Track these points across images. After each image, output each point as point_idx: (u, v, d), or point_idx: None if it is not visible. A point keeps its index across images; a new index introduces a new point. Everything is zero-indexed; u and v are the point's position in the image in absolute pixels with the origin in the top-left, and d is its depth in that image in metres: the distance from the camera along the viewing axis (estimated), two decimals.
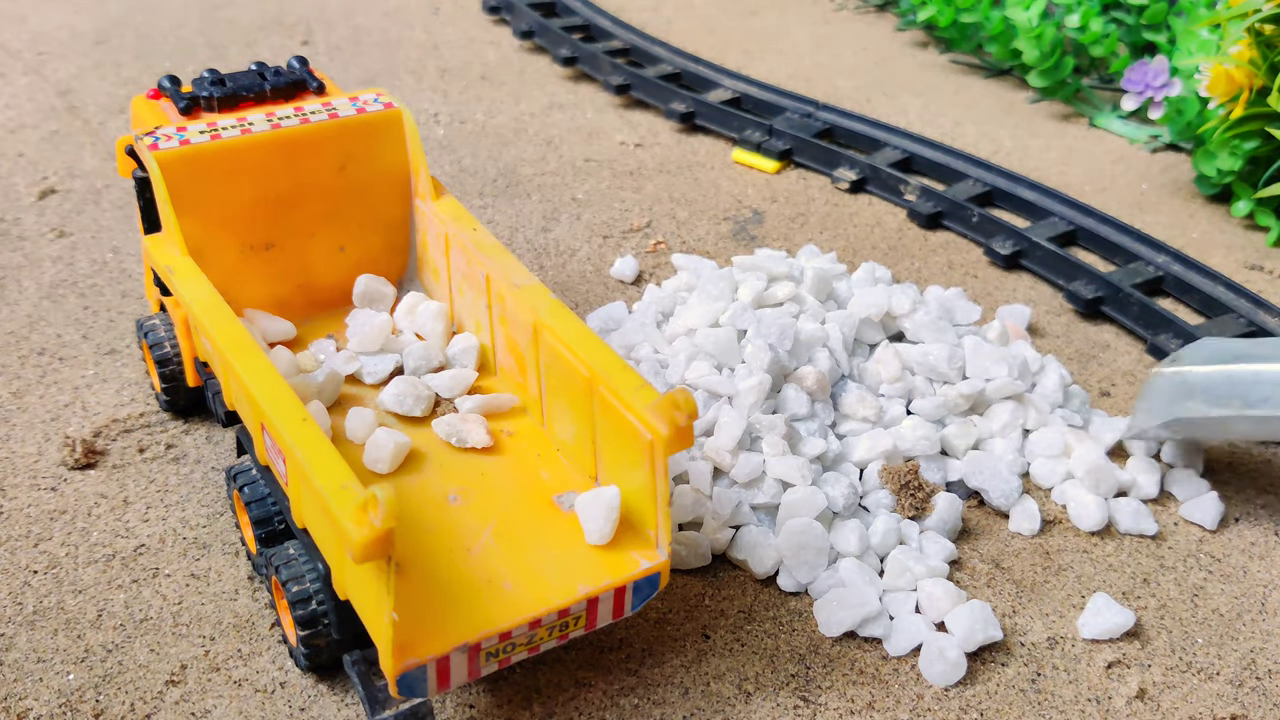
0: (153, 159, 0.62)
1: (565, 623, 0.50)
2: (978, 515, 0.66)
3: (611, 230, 0.92)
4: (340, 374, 0.62)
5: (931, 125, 1.14)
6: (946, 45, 1.34)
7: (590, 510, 0.53)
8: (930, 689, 0.55)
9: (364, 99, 0.69)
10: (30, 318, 0.79)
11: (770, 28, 1.40)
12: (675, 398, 0.49)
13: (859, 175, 1.01)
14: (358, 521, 0.41)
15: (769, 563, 0.60)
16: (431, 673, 0.47)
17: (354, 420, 0.59)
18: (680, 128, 1.11)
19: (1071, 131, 1.15)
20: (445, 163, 1.03)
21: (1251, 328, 0.80)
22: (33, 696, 0.53)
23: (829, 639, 0.58)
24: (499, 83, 1.20)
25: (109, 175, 0.98)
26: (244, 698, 0.53)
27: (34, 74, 1.17)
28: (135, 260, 0.86)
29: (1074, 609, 0.60)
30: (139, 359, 0.75)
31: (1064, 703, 0.55)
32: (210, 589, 0.59)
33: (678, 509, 0.61)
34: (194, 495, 0.65)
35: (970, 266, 0.90)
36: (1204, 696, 0.56)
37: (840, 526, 0.61)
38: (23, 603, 0.58)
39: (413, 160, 0.69)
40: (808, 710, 0.54)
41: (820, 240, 0.92)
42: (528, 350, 0.59)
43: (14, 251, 0.86)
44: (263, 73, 0.69)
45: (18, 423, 0.69)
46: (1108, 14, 1.22)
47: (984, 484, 0.65)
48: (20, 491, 0.64)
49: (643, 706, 0.54)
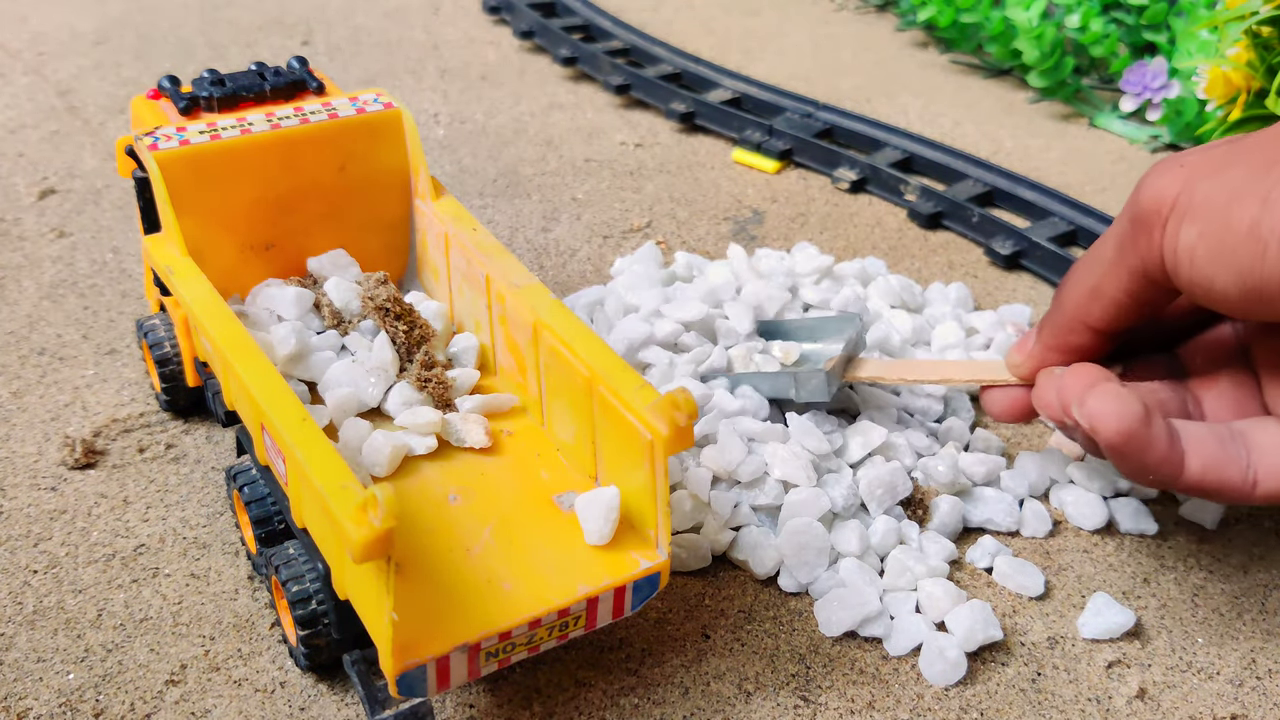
0: (152, 159, 0.62)
1: (565, 623, 0.50)
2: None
3: (611, 230, 0.92)
4: (402, 449, 0.58)
5: (932, 125, 1.14)
6: (947, 45, 1.34)
7: (590, 510, 0.53)
8: (930, 689, 0.55)
9: (364, 99, 0.69)
10: (30, 318, 0.79)
11: (770, 28, 1.40)
12: (675, 398, 0.49)
13: (859, 175, 1.00)
14: (358, 521, 0.41)
15: (770, 563, 0.60)
16: (431, 673, 0.47)
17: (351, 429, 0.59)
18: (680, 128, 1.11)
19: (1072, 131, 1.15)
20: (445, 163, 1.03)
21: None
22: (33, 696, 0.53)
23: (829, 639, 0.57)
24: (499, 83, 1.20)
25: (109, 175, 0.98)
26: (244, 697, 0.53)
27: (34, 74, 1.17)
28: (135, 260, 0.86)
29: (1074, 609, 0.60)
30: (139, 359, 0.75)
31: (1064, 702, 0.55)
32: (210, 589, 0.59)
33: (678, 515, 0.61)
34: (194, 495, 0.65)
35: (970, 266, 0.90)
36: (1204, 696, 0.56)
37: (840, 527, 0.61)
38: (23, 603, 0.58)
39: (413, 160, 0.69)
40: (808, 710, 0.54)
41: (820, 240, 0.92)
42: (527, 350, 0.59)
43: (14, 251, 0.86)
44: (263, 73, 0.69)
45: (18, 423, 0.69)
46: (1108, 14, 1.22)
47: (989, 517, 0.64)
48: (20, 491, 0.64)
49: (643, 706, 0.54)
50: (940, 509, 0.63)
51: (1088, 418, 0.52)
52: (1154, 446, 0.52)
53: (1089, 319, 0.57)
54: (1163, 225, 0.52)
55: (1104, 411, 0.52)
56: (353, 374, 0.60)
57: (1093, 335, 0.58)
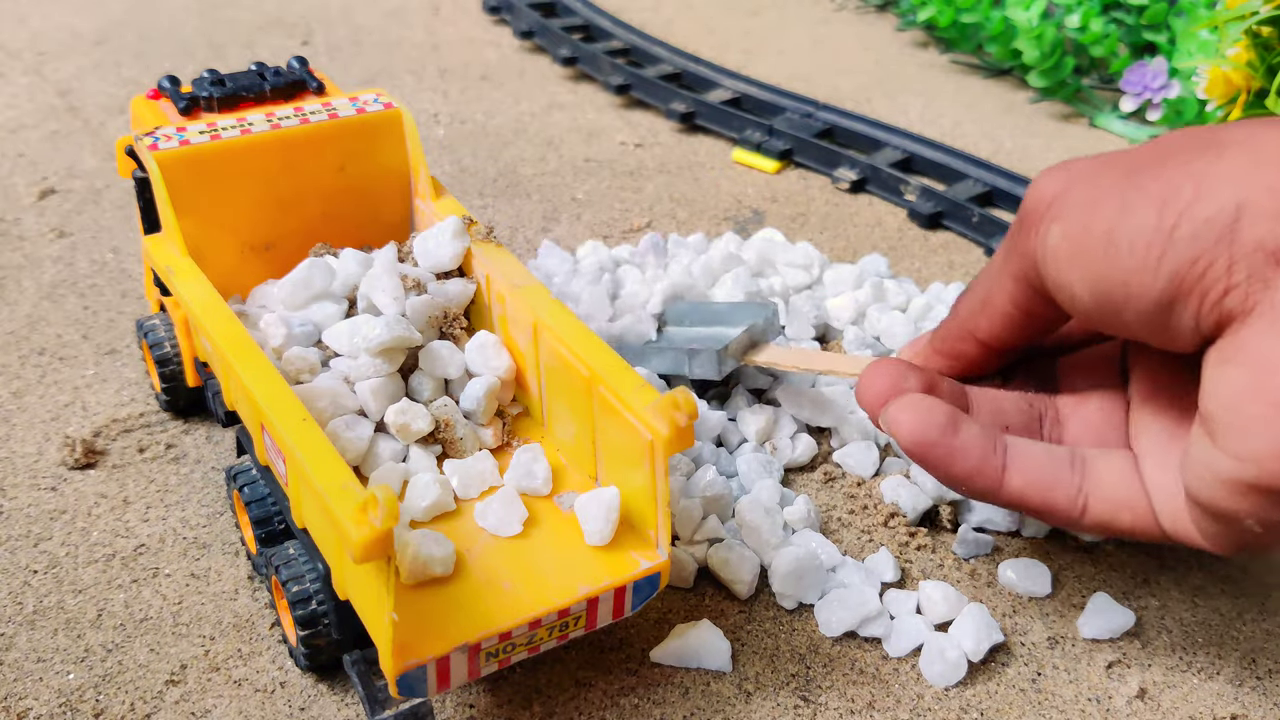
0: (152, 159, 0.62)
1: (565, 623, 0.50)
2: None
3: (611, 230, 0.92)
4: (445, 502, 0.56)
5: (932, 125, 1.14)
6: (947, 45, 1.34)
7: (590, 510, 0.52)
8: (930, 689, 0.55)
9: (364, 99, 0.69)
10: (30, 318, 0.79)
11: (770, 28, 1.40)
12: (675, 398, 0.49)
13: (859, 175, 1.01)
14: (358, 521, 0.41)
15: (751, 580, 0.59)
16: (431, 673, 0.47)
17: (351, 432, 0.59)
18: (680, 128, 1.11)
19: (1072, 131, 1.15)
20: (445, 163, 1.03)
21: None
22: (33, 696, 0.53)
23: (829, 639, 0.57)
24: (499, 83, 1.20)
25: (109, 175, 0.98)
26: (244, 697, 0.53)
27: (34, 74, 1.17)
28: (135, 260, 0.86)
29: (1074, 609, 0.60)
30: (139, 359, 0.75)
31: (1064, 702, 0.55)
32: (210, 589, 0.59)
33: (688, 523, 0.61)
34: (194, 495, 0.65)
35: (970, 266, 0.90)
36: (1204, 696, 0.56)
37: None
38: (23, 603, 0.58)
39: (413, 160, 0.69)
40: (808, 710, 0.54)
41: (820, 240, 0.92)
42: (528, 350, 0.59)
43: (14, 251, 0.86)
44: (263, 73, 0.69)
45: (18, 423, 0.69)
46: (1108, 14, 1.22)
47: (988, 517, 0.64)
48: (20, 491, 0.64)
49: (643, 706, 0.54)
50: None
51: (889, 424, 0.53)
52: (960, 458, 0.52)
53: (977, 331, 0.56)
54: (1038, 226, 0.50)
55: (902, 419, 0.52)
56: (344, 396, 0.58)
57: (980, 347, 0.56)
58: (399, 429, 0.56)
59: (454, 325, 0.61)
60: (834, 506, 0.65)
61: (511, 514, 0.54)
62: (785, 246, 0.84)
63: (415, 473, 0.56)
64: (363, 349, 0.57)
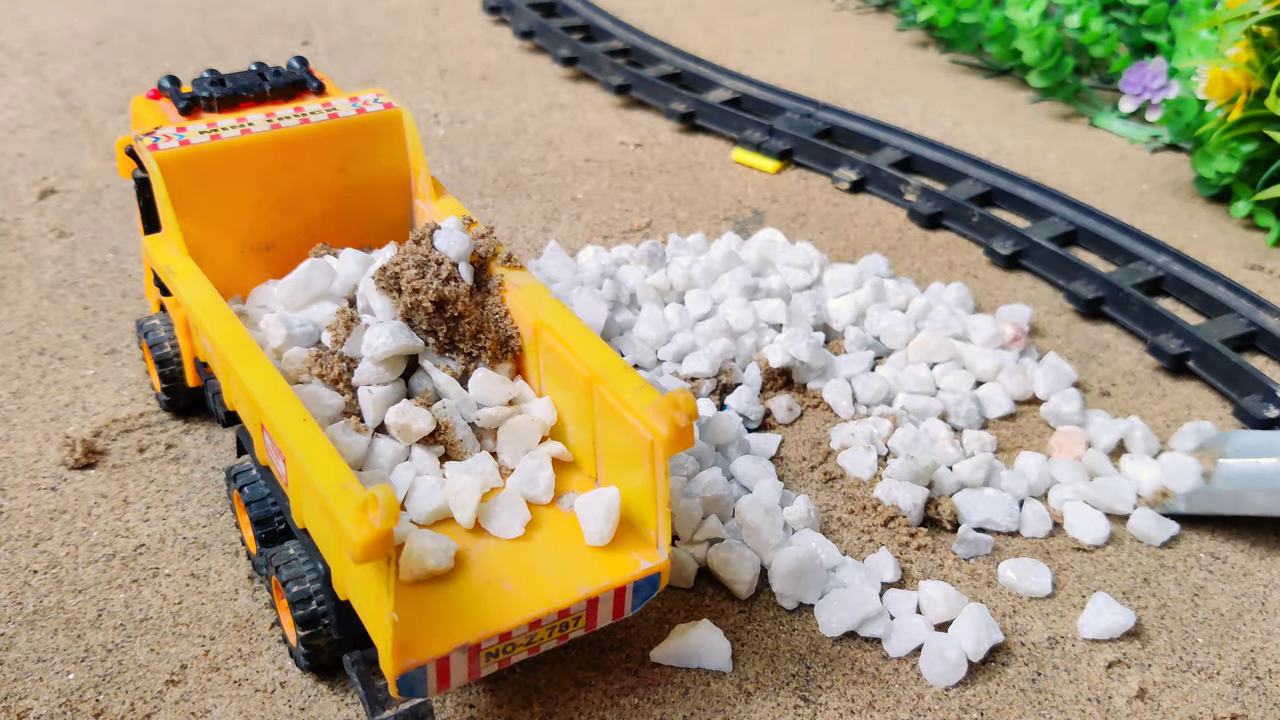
0: (152, 159, 0.62)
1: (565, 623, 0.50)
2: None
3: (611, 230, 0.92)
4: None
5: (932, 125, 1.14)
6: (947, 45, 1.34)
7: (590, 511, 0.53)
8: (930, 689, 0.55)
9: (364, 99, 0.69)
10: (30, 318, 0.79)
11: (770, 28, 1.40)
12: (675, 398, 0.49)
13: (859, 175, 1.01)
14: (358, 521, 0.41)
15: (751, 580, 0.59)
16: (431, 673, 0.47)
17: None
18: (680, 128, 1.11)
19: (1072, 131, 1.15)
20: (445, 163, 1.03)
21: (1252, 327, 0.80)
22: (33, 696, 0.53)
23: (829, 639, 0.57)
24: (499, 83, 1.20)
25: (109, 175, 0.98)
26: (244, 698, 0.53)
27: (34, 74, 1.17)
28: (135, 260, 0.86)
29: (1074, 609, 0.60)
30: (139, 359, 0.75)
31: (1064, 702, 0.55)
32: (210, 589, 0.59)
33: (688, 523, 0.61)
34: (194, 495, 0.65)
35: (970, 266, 0.90)
36: (1204, 696, 0.56)
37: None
38: (23, 603, 0.58)
39: (413, 160, 0.69)
40: (808, 710, 0.54)
41: (820, 240, 0.92)
42: (528, 350, 0.59)
43: (14, 251, 0.86)
44: (263, 73, 0.69)
45: (18, 423, 0.69)
46: (1108, 14, 1.22)
47: (988, 517, 0.64)
48: (20, 491, 0.64)
49: (643, 706, 0.54)
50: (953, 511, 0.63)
51: None
52: None
53: None
54: None
55: None
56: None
57: None
58: (400, 430, 0.56)
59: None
60: (834, 507, 0.65)
61: (514, 517, 0.54)
62: (785, 246, 0.84)
63: (420, 474, 0.55)
64: (366, 357, 0.57)
